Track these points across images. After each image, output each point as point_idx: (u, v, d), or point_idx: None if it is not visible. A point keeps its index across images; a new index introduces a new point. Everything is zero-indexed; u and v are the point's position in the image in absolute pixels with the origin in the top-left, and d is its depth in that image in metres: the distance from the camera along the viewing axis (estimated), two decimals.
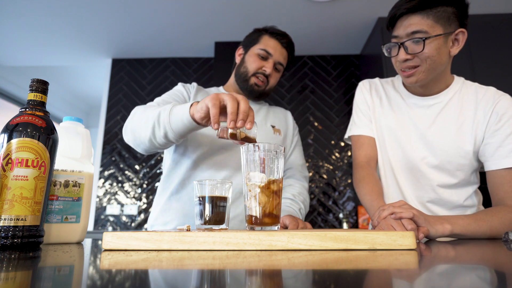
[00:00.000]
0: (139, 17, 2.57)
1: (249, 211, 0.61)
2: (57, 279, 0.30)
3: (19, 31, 2.73)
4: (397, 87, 1.08)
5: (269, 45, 1.15)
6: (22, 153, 0.56)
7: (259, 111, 1.22)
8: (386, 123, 1.04)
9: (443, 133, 0.96)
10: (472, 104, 0.96)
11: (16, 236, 0.53)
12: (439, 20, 0.88)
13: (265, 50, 1.14)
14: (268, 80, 1.16)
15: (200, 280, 0.29)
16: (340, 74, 3.05)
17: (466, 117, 0.95)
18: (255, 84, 1.15)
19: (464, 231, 0.79)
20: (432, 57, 0.89)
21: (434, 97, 0.99)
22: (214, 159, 1.10)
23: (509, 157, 0.89)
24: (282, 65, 1.18)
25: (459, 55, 1.00)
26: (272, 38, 1.17)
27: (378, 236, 0.47)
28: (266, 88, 1.17)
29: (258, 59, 1.15)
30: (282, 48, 1.17)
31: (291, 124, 1.27)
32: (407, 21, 0.89)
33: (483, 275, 0.32)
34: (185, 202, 1.09)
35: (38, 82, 0.61)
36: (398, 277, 0.30)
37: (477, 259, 0.44)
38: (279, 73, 1.20)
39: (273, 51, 1.15)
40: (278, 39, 1.17)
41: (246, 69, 1.15)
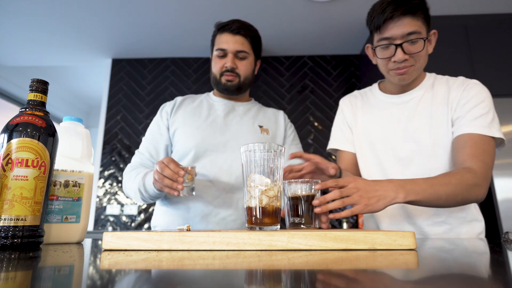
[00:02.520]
0: (139, 17, 2.57)
1: (249, 211, 0.61)
2: (57, 279, 0.30)
3: (19, 31, 2.73)
4: (374, 92, 1.14)
5: (222, 41, 1.16)
6: (22, 153, 0.56)
7: (248, 112, 1.23)
8: (373, 126, 1.08)
9: (423, 122, 1.00)
10: (445, 92, 1.02)
11: (16, 236, 0.53)
12: (423, 22, 0.95)
13: (220, 48, 1.16)
14: (237, 72, 1.16)
15: (200, 280, 0.29)
16: (340, 74, 3.05)
17: (441, 103, 1.01)
18: (226, 81, 1.16)
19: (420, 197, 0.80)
20: (424, 56, 0.97)
21: (410, 93, 1.06)
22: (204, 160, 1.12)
23: (471, 125, 0.93)
24: (244, 52, 1.16)
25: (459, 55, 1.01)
26: (222, 33, 1.17)
27: (378, 236, 0.47)
28: (241, 79, 1.17)
29: (218, 60, 1.17)
30: (235, 35, 1.15)
31: (282, 124, 1.25)
32: (401, 22, 0.93)
33: (483, 275, 0.32)
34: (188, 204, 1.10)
35: (38, 82, 0.61)
36: (398, 277, 0.30)
37: (477, 259, 0.44)
38: (247, 60, 1.18)
39: (226, 45, 1.15)
40: (227, 30, 1.16)
41: (213, 74, 1.19)
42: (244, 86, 1.20)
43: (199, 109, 1.21)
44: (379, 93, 1.12)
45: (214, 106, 1.21)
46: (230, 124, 1.17)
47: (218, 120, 1.17)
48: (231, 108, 1.21)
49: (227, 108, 1.21)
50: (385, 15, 0.93)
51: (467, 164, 0.89)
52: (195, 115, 1.19)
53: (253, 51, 1.20)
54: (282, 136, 1.23)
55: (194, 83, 3.08)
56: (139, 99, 3.06)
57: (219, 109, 1.20)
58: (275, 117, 1.27)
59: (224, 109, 1.20)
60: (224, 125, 1.16)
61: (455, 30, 2.42)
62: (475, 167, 0.87)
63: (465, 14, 2.48)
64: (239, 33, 1.16)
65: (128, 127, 3.01)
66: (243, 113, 1.22)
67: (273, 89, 3.05)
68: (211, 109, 1.20)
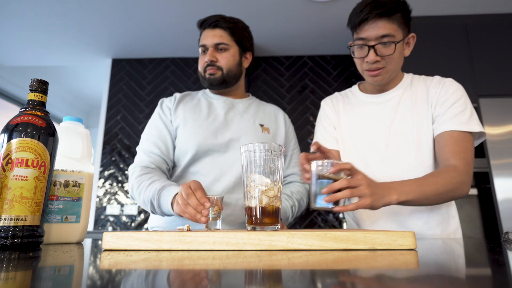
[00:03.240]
0: (139, 17, 2.57)
1: (249, 211, 0.61)
2: (57, 279, 0.30)
3: (19, 31, 2.73)
4: (354, 93, 1.16)
5: (202, 38, 1.17)
6: (22, 153, 0.56)
7: (248, 109, 1.22)
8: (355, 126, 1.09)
9: (406, 120, 1.03)
10: (424, 90, 1.05)
11: (16, 236, 0.53)
12: (399, 25, 0.97)
13: (201, 45, 1.17)
14: (218, 65, 1.15)
15: (200, 280, 0.29)
16: (340, 74, 3.05)
17: (421, 101, 1.04)
18: (209, 75, 1.15)
19: (410, 198, 0.83)
20: (397, 59, 0.99)
21: (389, 92, 1.08)
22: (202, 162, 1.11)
23: (451, 122, 0.96)
24: (223, 44, 1.15)
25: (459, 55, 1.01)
26: (204, 30, 1.18)
27: (378, 236, 0.47)
28: (224, 72, 1.15)
29: (201, 57, 1.18)
30: (213, 29, 1.16)
31: (282, 123, 1.25)
32: (375, 24, 0.96)
33: (483, 275, 0.32)
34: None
35: (38, 82, 0.61)
36: (398, 277, 0.30)
37: (477, 259, 0.44)
38: (227, 51, 1.16)
39: (205, 40, 1.16)
40: (206, 26, 1.17)
41: (198, 71, 1.20)
42: (229, 79, 1.17)
43: (199, 106, 1.20)
44: (359, 93, 1.14)
45: (213, 104, 1.20)
46: (231, 123, 1.16)
47: (219, 118, 1.16)
48: (231, 105, 1.20)
49: (227, 106, 1.20)
50: (361, 16, 0.96)
51: (450, 162, 0.92)
52: (196, 113, 1.17)
53: (235, 42, 1.18)
54: (283, 137, 1.23)
55: (194, 83, 3.08)
56: (139, 99, 3.06)
57: (219, 107, 1.19)
58: (275, 115, 1.26)
59: (224, 107, 1.19)
60: (225, 124, 1.15)
61: (455, 30, 2.42)
62: (458, 164, 0.91)
63: (465, 14, 2.48)
64: (217, 26, 1.16)
65: (128, 127, 3.01)
66: (243, 111, 1.20)
67: (273, 89, 3.05)
68: (210, 107, 1.19)
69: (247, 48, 1.23)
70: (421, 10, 2.45)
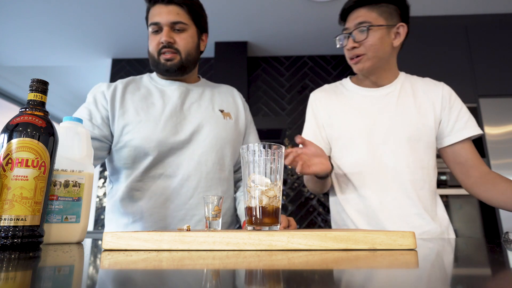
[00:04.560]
0: (139, 17, 2.57)
1: (249, 211, 0.61)
2: (57, 279, 0.30)
3: (19, 31, 2.73)
4: (346, 85, 1.15)
5: (154, 14, 1.01)
6: (22, 153, 0.56)
7: (203, 94, 1.10)
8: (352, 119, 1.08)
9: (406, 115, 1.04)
10: (422, 89, 1.07)
11: (16, 236, 0.53)
12: (382, 14, 1.00)
13: (153, 22, 1.00)
14: (176, 48, 1.00)
15: (200, 280, 0.29)
16: (340, 74, 3.05)
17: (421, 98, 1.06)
18: (166, 60, 1.01)
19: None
20: (375, 45, 1.00)
21: (387, 87, 1.08)
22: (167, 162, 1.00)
23: (466, 128, 1.02)
24: (181, 23, 1.00)
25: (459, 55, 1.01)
26: (154, 5, 1.02)
27: (378, 236, 0.47)
28: (183, 56, 1.01)
29: (153, 36, 1.01)
30: (168, 5, 1.00)
31: (241, 105, 1.16)
32: (355, 14, 1.02)
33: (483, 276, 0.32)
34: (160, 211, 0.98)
35: (38, 82, 0.61)
36: (398, 277, 0.30)
37: (477, 259, 0.44)
38: (186, 32, 1.02)
39: (159, 17, 0.99)
40: (158, 1, 1.01)
41: (150, 54, 1.03)
42: (188, 65, 1.04)
43: (151, 98, 1.04)
44: (353, 86, 1.13)
45: (166, 93, 1.06)
46: (189, 114, 1.04)
47: (176, 111, 1.03)
48: (186, 92, 1.07)
49: (182, 93, 1.06)
50: (344, 8, 1.04)
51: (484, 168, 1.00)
52: (149, 106, 1.02)
53: (193, 22, 1.04)
54: (243, 120, 1.15)
55: None
56: None
57: (173, 96, 1.05)
58: (232, 97, 1.17)
59: (179, 95, 1.05)
60: (184, 117, 1.03)
61: (455, 30, 2.42)
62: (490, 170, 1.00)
63: (465, 14, 2.48)
64: (172, 1, 1.00)
65: None
66: (199, 97, 1.09)
67: (273, 89, 3.05)
68: (164, 97, 1.05)
69: (204, 28, 1.10)
70: (421, 10, 2.45)
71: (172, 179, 0.98)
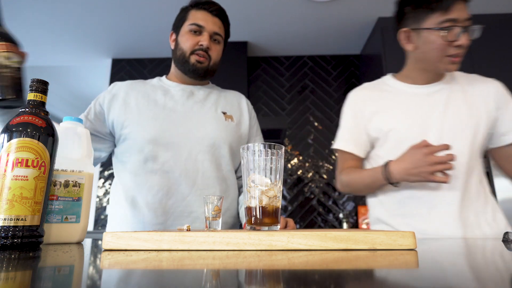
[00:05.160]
0: (139, 17, 2.57)
1: (249, 211, 0.61)
2: (57, 279, 0.30)
3: (19, 31, 2.73)
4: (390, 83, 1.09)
5: (198, 17, 1.06)
6: (22, 153, 0.56)
7: (208, 97, 1.13)
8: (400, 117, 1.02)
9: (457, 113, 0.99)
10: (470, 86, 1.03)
11: (16, 236, 0.53)
12: None
13: (195, 23, 1.06)
14: (209, 55, 1.07)
15: (200, 280, 0.29)
16: (340, 74, 3.06)
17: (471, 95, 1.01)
18: (196, 61, 1.06)
19: None
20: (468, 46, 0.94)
21: (437, 84, 1.03)
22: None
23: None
24: (219, 35, 1.09)
25: None
26: (199, 10, 1.08)
27: (378, 236, 0.47)
28: (210, 64, 1.08)
29: (192, 36, 1.06)
30: (214, 17, 1.08)
31: (246, 110, 1.18)
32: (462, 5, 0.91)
33: (483, 276, 0.32)
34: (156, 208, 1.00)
35: (38, 82, 0.61)
36: (398, 277, 0.30)
37: (477, 259, 0.44)
38: (220, 45, 1.11)
39: (204, 22, 1.06)
40: (206, 9, 1.08)
41: (182, 50, 1.07)
42: (210, 72, 1.10)
43: (154, 95, 1.08)
44: (399, 84, 1.07)
45: (170, 92, 1.10)
46: (191, 112, 1.07)
47: (177, 107, 1.06)
48: (190, 93, 1.11)
49: (185, 93, 1.10)
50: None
51: None
52: (150, 102, 1.06)
53: (224, 39, 1.13)
54: (247, 124, 1.15)
55: None
56: None
57: (177, 95, 1.09)
58: (238, 101, 1.18)
59: (182, 95, 1.09)
60: (184, 114, 1.05)
61: None
62: None
63: None
64: (218, 15, 1.09)
65: None
66: (204, 98, 1.12)
67: (273, 89, 3.05)
68: (167, 95, 1.09)
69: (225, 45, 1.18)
70: None
71: (170, 175, 1.00)
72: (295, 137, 2.92)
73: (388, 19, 2.49)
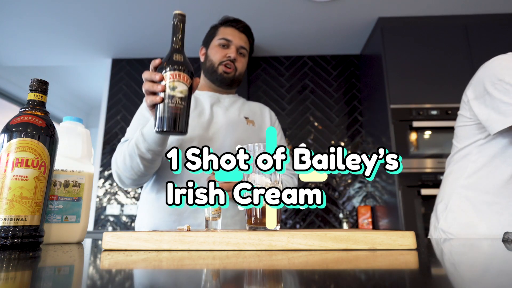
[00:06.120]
0: (139, 17, 2.57)
1: (249, 211, 0.61)
2: (57, 279, 0.30)
3: (19, 31, 2.73)
4: None
5: (227, 33, 1.20)
6: (22, 153, 0.56)
7: (234, 104, 1.23)
8: None
9: None
10: None
11: (16, 236, 0.53)
12: None
13: (224, 38, 1.19)
14: (236, 66, 1.19)
15: (200, 280, 0.29)
16: (340, 74, 3.05)
17: None
18: (223, 72, 1.18)
19: None
20: None
21: None
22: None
23: None
24: (245, 49, 1.22)
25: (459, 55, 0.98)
26: (227, 27, 1.21)
27: (378, 236, 0.47)
28: (236, 74, 1.20)
29: (220, 49, 1.19)
30: (240, 33, 1.21)
31: (268, 117, 1.27)
32: None
33: (483, 276, 0.32)
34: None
35: (38, 82, 0.61)
36: (398, 277, 0.30)
37: (476, 259, 0.44)
38: (245, 58, 1.24)
39: (231, 37, 1.19)
40: (233, 26, 1.21)
41: (211, 62, 1.19)
42: (236, 82, 1.22)
43: None
44: None
45: (199, 99, 1.20)
46: (216, 116, 1.16)
47: (204, 112, 1.16)
48: (216, 99, 1.21)
49: (212, 100, 1.20)
50: None
51: None
52: None
53: (248, 53, 1.26)
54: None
55: None
56: (139, 99, 3.06)
57: (205, 102, 1.19)
58: (261, 111, 1.28)
59: (210, 101, 1.19)
60: (210, 118, 1.15)
61: (455, 30, 2.42)
62: None
63: (465, 14, 2.48)
64: (244, 32, 1.23)
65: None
66: (229, 105, 1.22)
67: (273, 89, 3.05)
68: (196, 102, 1.19)
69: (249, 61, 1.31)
70: (421, 10, 2.45)
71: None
72: (295, 137, 2.92)
73: (388, 19, 2.49)
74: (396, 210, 2.17)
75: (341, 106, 2.97)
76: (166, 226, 1.07)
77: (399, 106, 2.25)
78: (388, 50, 2.37)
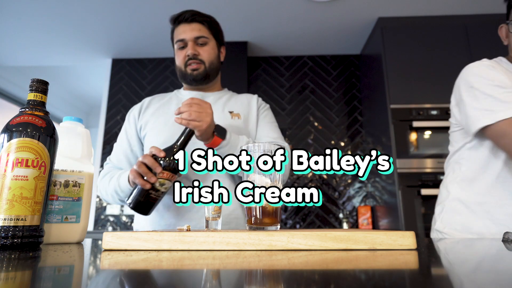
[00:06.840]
0: (139, 17, 2.57)
1: (249, 211, 0.61)
2: (57, 279, 0.30)
3: (19, 31, 2.73)
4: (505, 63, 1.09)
5: (179, 32, 1.16)
6: (22, 153, 0.56)
7: (219, 100, 1.19)
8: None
9: None
10: None
11: (16, 236, 0.53)
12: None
13: (178, 40, 1.15)
14: (200, 59, 1.14)
15: (200, 280, 0.29)
16: (340, 74, 3.05)
17: None
18: (192, 71, 1.14)
19: None
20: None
21: None
22: None
23: None
24: (203, 37, 1.15)
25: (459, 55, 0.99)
26: (178, 25, 1.17)
27: (378, 236, 0.47)
28: (207, 66, 1.15)
29: (179, 51, 1.16)
30: (190, 24, 1.15)
31: (255, 106, 1.21)
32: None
33: (483, 276, 0.32)
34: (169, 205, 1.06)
35: (38, 82, 0.61)
36: (398, 277, 0.30)
37: (476, 259, 0.44)
38: (208, 45, 1.16)
39: (183, 35, 1.14)
40: (181, 21, 1.16)
41: (178, 67, 1.18)
42: (211, 73, 1.17)
43: (168, 105, 1.18)
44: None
45: (182, 100, 1.17)
46: None
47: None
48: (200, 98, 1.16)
49: None
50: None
51: None
52: (164, 112, 1.16)
53: (213, 36, 1.18)
54: (255, 117, 1.19)
55: None
56: (139, 99, 3.06)
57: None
58: (248, 101, 1.23)
59: None
60: None
61: (455, 30, 2.42)
62: None
63: (465, 14, 2.48)
64: (194, 20, 1.15)
65: None
66: (213, 102, 1.17)
67: (273, 89, 3.05)
68: (179, 103, 1.16)
69: (222, 42, 1.23)
70: (421, 10, 2.45)
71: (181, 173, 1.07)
72: (295, 137, 2.92)
73: (388, 19, 2.49)
74: (396, 210, 2.17)
75: (341, 106, 2.97)
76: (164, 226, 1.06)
77: (399, 106, 2.25)
78: (388, 50, 2.37)
